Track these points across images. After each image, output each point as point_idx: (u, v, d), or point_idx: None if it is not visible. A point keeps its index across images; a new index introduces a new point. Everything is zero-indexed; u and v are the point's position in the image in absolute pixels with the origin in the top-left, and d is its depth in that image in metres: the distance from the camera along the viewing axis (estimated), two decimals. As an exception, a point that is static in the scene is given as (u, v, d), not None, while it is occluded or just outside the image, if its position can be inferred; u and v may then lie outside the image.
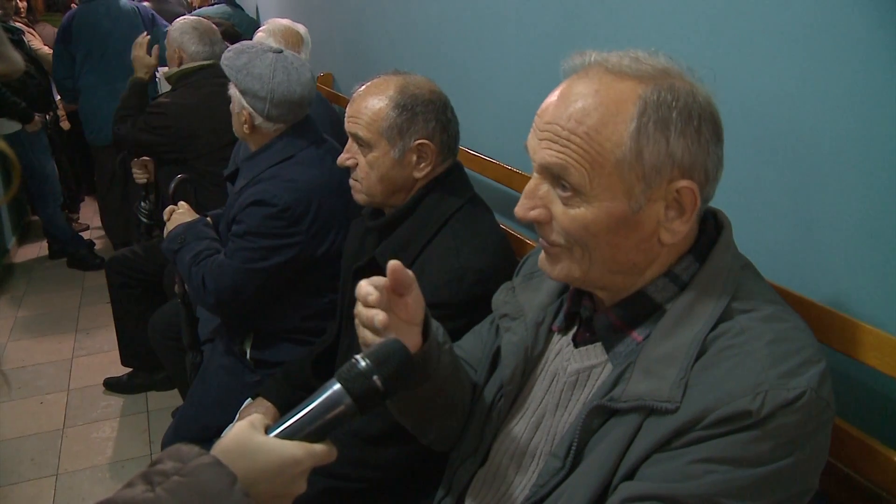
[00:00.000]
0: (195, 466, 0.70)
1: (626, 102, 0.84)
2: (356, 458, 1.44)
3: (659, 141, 0.84)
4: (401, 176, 1.50)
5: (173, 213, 2.13)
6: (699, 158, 0.86)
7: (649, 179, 0.85)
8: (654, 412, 0.85)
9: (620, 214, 0.86)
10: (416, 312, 1.01)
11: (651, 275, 0.92)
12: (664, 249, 0.91)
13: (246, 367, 2.04)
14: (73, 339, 3.85)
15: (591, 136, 0.84)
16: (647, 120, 0.84)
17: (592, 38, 0.95)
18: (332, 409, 0.81)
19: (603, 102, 0.85)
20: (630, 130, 0.84)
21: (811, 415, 0.79)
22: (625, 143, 0.84)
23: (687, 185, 0.86)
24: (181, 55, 2.97)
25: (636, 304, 0.93)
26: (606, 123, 0.84)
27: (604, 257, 0.90)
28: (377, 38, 2.86)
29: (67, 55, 4.18)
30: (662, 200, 0.87)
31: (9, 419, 3.14)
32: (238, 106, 1.99)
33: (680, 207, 0.87)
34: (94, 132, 4.29)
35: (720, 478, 0.79)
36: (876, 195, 0.98)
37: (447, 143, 1.51)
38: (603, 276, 0.92)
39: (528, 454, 1.04)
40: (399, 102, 1.47)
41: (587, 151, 0.84)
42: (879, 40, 0.94)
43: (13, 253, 4.99)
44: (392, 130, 1.47)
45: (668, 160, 0.84)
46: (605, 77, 0.87)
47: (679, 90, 0.85)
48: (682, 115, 0.84)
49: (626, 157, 0.84)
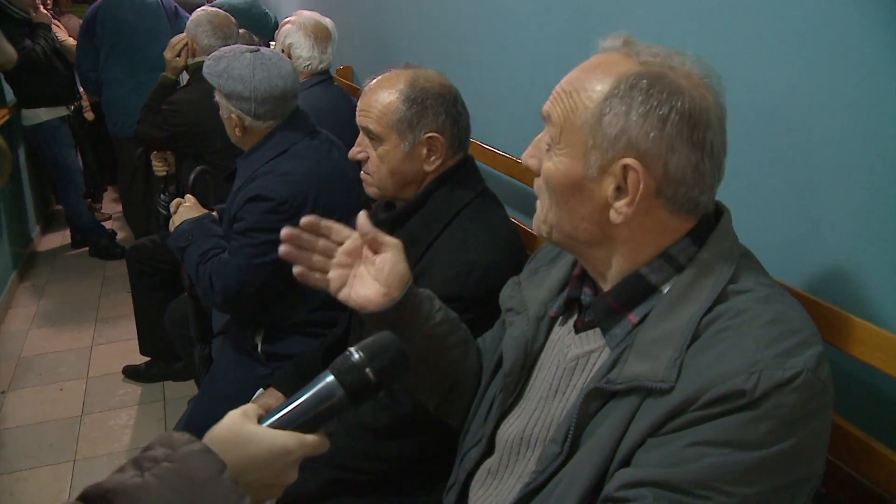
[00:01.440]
0: (185, 453, 0.71)
1: (612, 75, 0.89)
2: (364, 451, 1.46)
3: (619, 114, 0.87)
4: (411, 169, 1.50)
5: (180, 206, 2.14)
6: (657, 148, 0.86)
7: (603, 148, 0.88)
8: (651, 394, 0.84)
9: (576, 176, 0.91)
10: (387, 276, 1.08)
11: (645, 256, 0.93)
12: (622, 233, 0.92)
13: (257, 361, 2.06)
14: (93, 327, 3.90)
15: (575, 95, 0.91)
16: (617, 92, 0.87)
17: (603, 35, 0.95)
18: (324, 400, 0.82)
19: (598, 70, 0.91)
20: (601, 97, 0.88)
21: (808, 396, 0.78)
22: (590, 108, 0.89)
23: (632, 164, 0.87)
24: (194, 47, 3.00)
25: (631, 285, 0.94)
26: (588, 88, 0.90)
27: (562, 218, 0.95)
28: (395, 32, 2.87)
29: (91, 48, 4.19)
30: (613, 178, 0.89)
31: (30, 405, 3.19)
32: (226, 111, 2.00)
33: (626, 188, 0.88)
34: (116, 124, 4.31)
35: (717, 461, 0.78)
36: (885, 193, 0.97)
37: (457, 136, 1.51)
38: (563, 240, 0.97)
39: (528, 442, 1.04)
40: (409, 96, 1.47)
41: (566, 106, 0.91)
42: (888, 37, 0.93)
43: (37, 241, 5.06)
44: (402, 124, 1.47)
45: (623, 135, 0.87)
46: (617, 55, 0.92)
47: (667, 83, 0.87)
48: (650, 100, 0.86)
49: (589, 120, 0.89)
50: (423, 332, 1.13)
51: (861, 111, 0.98)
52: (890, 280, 0.98)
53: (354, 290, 1.10)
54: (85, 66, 4.26)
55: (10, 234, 4.36)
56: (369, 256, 1.11)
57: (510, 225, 1.55)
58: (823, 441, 0.83)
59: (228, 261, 1.93)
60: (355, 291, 1.10)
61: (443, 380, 1.21)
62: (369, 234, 1.09)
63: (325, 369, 0.84)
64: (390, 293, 1.08)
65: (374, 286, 1.09)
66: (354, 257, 1.11)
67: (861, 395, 1.04)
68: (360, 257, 1.11)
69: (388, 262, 1.08)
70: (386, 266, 1.08)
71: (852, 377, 1.04)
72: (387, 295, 1.08)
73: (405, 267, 1.10)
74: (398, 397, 1.41)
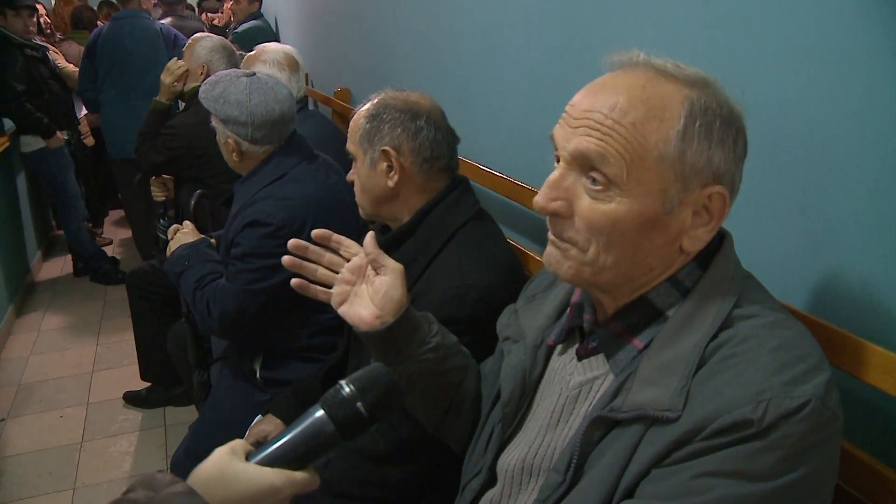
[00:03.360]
0: (167, 495, 0.69)
1: (674, 101, 0.84)
2: (362, 478, 1.43)
3: (703, 144, 0.83)
4: (377, 185, 1.51)
5: (178, 231, 2.13)
6: (731, 169, 0.86)
7: (687, 181, 0.84)
8: (656, 422, 0.82)
9: (652, 214, 0.85)
10: (382, 299, 1.08)
11: (653, 283, 0.90)
12: (680, 257, 0.89)
13: (256, 387, 2.04)
14: (93, 352, 3.89)
15: (636, 128, 0.83)
16: (694, 121, 0.83)
17: (599, 52, 0.93)
18: (315, 436, 0.80)
19: (650, 97, 0.84)
20: (677, 129, 0.83)
21: (817, 425, 0.75)
22: (670, 141, 0.83)
23: (720, 191, 0.85)
24: (208, 72, 3.00)
25: (637, 310, 0.91)
26: (652, 118, 0.83)
27: (623, 258, 0.87)
28: (391, 53, 2.87)
29: (91, 69, 4.41)
30: (692, 206, 0.86)
31: (30, 433, 3.17)
32: (223, 136, 1.99)
33: (708, 214, 0.87)
34: (115, 146, 4.44)
35: (725, 493, 0.75)
36: (891, 207, 0.95)
37: (418, 151, 1.48)
38: (614, 279, 0.90)
39: (530, 471, 1.01)
40: (370, 112, 1.50)
41: (630, 143, 0.83)
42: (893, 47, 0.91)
43: (38, 267, 5.06)
44: (363, 139, 1.50)
45: (708, 165, 0.84)
46: (652, 74, 0.87)
47: (721, 100, 0.86)
48: (724, 124, 0.85)
49: (670, 155, 0.83)
50: (418, 356, 1.12)
51: (866, 121, 0.96)
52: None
53: (353, 307, 1.12)
54: (83, 84, 4.49)
55: (10, 259, 4.36)
56: (371, 276, 1.12)
57: (507, 246, 1.53)
58: (833, 469, 0.80)
59: (226, 286, 1.91)
60: (354, 309, 1.11)
61: (440, 402, 1.20)
62: (372, 255, 1.10)
63: (316, 403, 0.82)
64: (383, 316, 1.08)
65: (370, 307, 1.10)
66: (358, 275, 1.13)
67: (870, 419, 1.01)
68: (364, 276, 1.13)
69: (384, 286, 1.09)
70: (382, 289, 1.09)
71: (860, 401, 1.02)
72: (379, 318, 1.08)
73: (401, 293, 1.09)
74: (395, 422, 1.39)
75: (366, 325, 1.09)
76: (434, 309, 1.35)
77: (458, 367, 1.20)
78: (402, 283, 1.10)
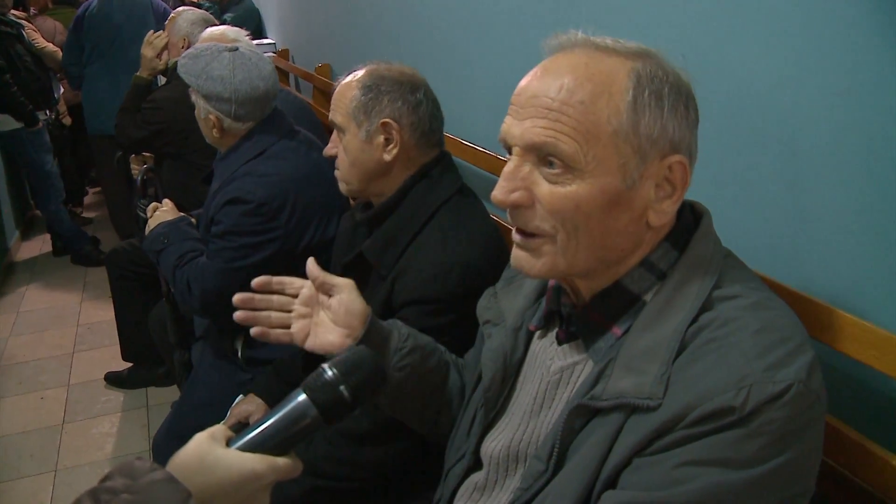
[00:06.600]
0: (146, 483, 0.66)
1: (619, 74, 0.82)
2: (345, 458, 1.41)
3: (655, 113, 0.82)
4: (371, 159, 1.46)
5: (157, 209, 2.09)
6: (687, 137, 0.84)
7: (644, 153, 0.82)
8: (637, 410, 0.80)
9: (614, 191, 0.82)
10: (345, 317, 1.09)
11: (627, 265, 0.88)
12: (648, 234, 0.87)
13: (237, 366, 2.01)
14: (74, 333, 3.84)
15: (585, 106, 0.81)
16: (643, 91, 0.82)
17: (584, 27, 0.91)
18: (297, 420, 0.78)
19: (595, 73, 0.82)
20: (627, 100, 0.81)
21: (801, 409, 0.74)
22: (622, 114, 0.81)
23: (679, 160, 0.84)
24: (189, 46, 2.94)
25: (613, 297, 0.89)
26: (601, 94, 0.81)
27: (592, 241, 0.85)
28: (373, 28, 2.83)
29: (77, 44, 4.25)
30: (653, 178, 0.84)
31: (10, 415, 3.14)
32: (203, 112, 1.95)
33: (671, 185, 0.85)
34: (94, 122, 4.30)
35: (709, 481, 0.74)
36: (875, 187, 0.94)
37: (417, 125, 1.46)
38: (588, 264, 0.87)
39: (515, 457, 1.00)
40: (366, 83, 1.46)
41: (581, 122, 0.81)
42: (878, 29, 0.90)
43: (17, 247, 4.99)
44: (358, 111, 1.45)
45: (663, 134, 0.82)
46: (593, 52, 0.85)
47: (668, 68, 0.85)
48: (673, 91, 0.83)
49: (623, 128, 0.81)
50: (397, 364, 1.13)
51: (851, 103, 0.95)
52: (882, 274, 0.95)
53: (319, 337, 1.12)
54: (67, 60, 4.32)
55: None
56: (325, 301, 1.12)
57: (490, 222, 1.51)
58: (818, 452, 0.79)
59: (207, 265, 1.88)
60: (319, 339, 1.11)
61: (429, 404, 1.19)
62: (318, 279, 1.11)
63: (298, 387, 0.80)
64: (352, 333, 1.09)
65: (335, 329, 1.11)
66: (312, 305, 1.14)
67: (854, 393, 1.01)
68: (317, 304, 1.13)
69: (343, 304, 1.10)
70: (342, 308, 1.10)
71: (845, 375, 1.01)
72: (349, 336, 1.09)
73: (361, 304, 1.11)
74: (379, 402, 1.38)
75: (338, 349, 1.08)
76: (417, 288, 1.34)
77: (439, 364, 1.20)
78: (357, 294, 1.11)
